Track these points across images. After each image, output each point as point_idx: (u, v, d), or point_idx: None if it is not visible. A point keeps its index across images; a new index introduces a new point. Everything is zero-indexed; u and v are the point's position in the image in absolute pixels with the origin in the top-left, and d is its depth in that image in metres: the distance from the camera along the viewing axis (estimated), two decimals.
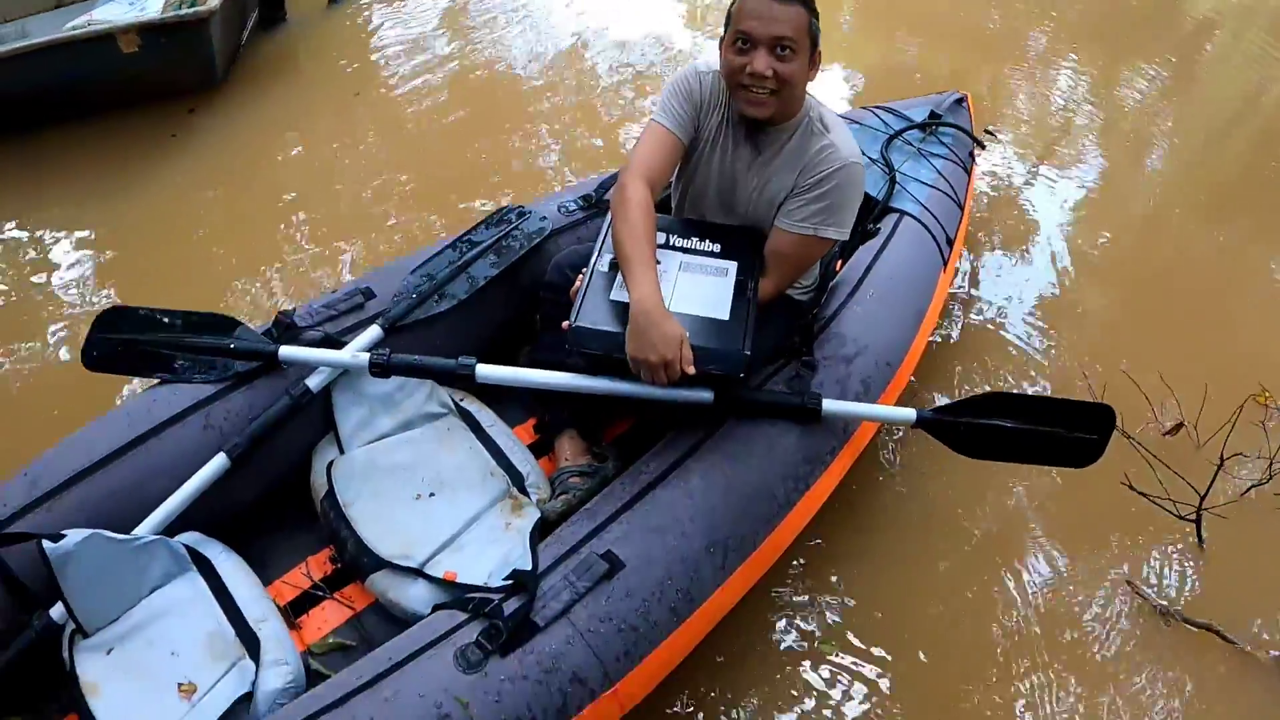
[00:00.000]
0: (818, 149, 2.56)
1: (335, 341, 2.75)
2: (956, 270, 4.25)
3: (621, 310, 2.42)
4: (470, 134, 5.20)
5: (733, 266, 2.60)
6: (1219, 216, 5.08)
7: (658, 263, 2.49)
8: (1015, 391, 2.71)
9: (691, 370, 2.35)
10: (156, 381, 2.72)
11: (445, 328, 2.91)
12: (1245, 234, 5.02)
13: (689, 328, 2.37)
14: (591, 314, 2.46)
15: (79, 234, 4.46)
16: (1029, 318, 4.15)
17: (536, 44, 6.08)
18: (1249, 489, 3.33)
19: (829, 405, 2.64)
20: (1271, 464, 3.34)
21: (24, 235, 4.48)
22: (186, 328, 2.74)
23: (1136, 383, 3.56)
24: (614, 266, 2.53)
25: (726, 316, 2.47)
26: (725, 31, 2.52)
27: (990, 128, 4.44)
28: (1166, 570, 3.22)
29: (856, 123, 3.99)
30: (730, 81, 2.53)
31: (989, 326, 4.09)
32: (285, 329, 2.75)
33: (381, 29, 6.12)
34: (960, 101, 4.33)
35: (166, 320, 2.76)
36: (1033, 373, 3.87)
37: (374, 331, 2.77)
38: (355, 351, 2.68)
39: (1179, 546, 3.26)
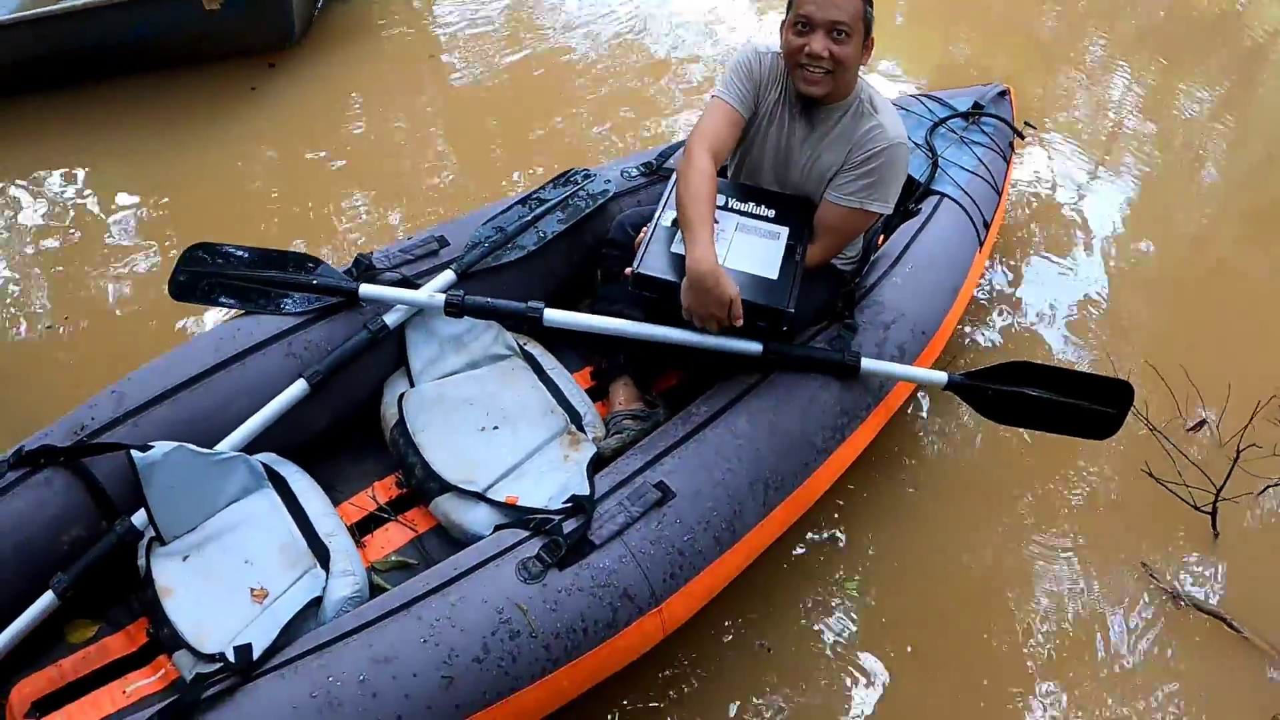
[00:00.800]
0: (867, 129, 2.74)
1: (411, 283, 2.92)
2: (997, 267, 4.39)
3: (680, 262, 2.60)
4: (531, 104, 5.32)
5: (784, 231, 2.78)
6: (1268, 234, 5.16)
7: (716, 222, 2.67)
8: (1041, 363, 2.87)
9: (740, 323, 2.56)
10: (240, 312, 2.89)
11: (513, 277, 3.07)
12: None
13: (740, 283, 2.57)
14: (653, 263, 2.66)
15: (156, 179, 4.60)
16: (1065, 315, 4.23)
17: (596, 19, 6.18)
18: (1266, 487, 3.41)
19: (867, 364, 2.81)
20: None
21: (105, 179, 4.62)
22: (270, 264, 2.92)
23: (1164, 378, 3.65)
24: (675, 223, 2.72)
25: (775, 276, 2.66)
26: (787, 14, 2.69)
27: (1029, 121, 4.58)
28: (1180, 558, 3.31)
29: (904, 109, 4.11)
30: (789, 61, 2.71)
31: (1026, 321, 4.18)
32: (364, 269, 2.93)
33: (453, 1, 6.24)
34: (1003, 94, 4.45)
35: (251, 256, 2.94)
36: (1066, 364, 3.96)
37: (447, 276, 2.94)
38: (432, 292, 2.86)
39: (1194, 537, 3.34)
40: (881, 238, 3.35)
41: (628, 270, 2.69)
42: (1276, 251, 4.99)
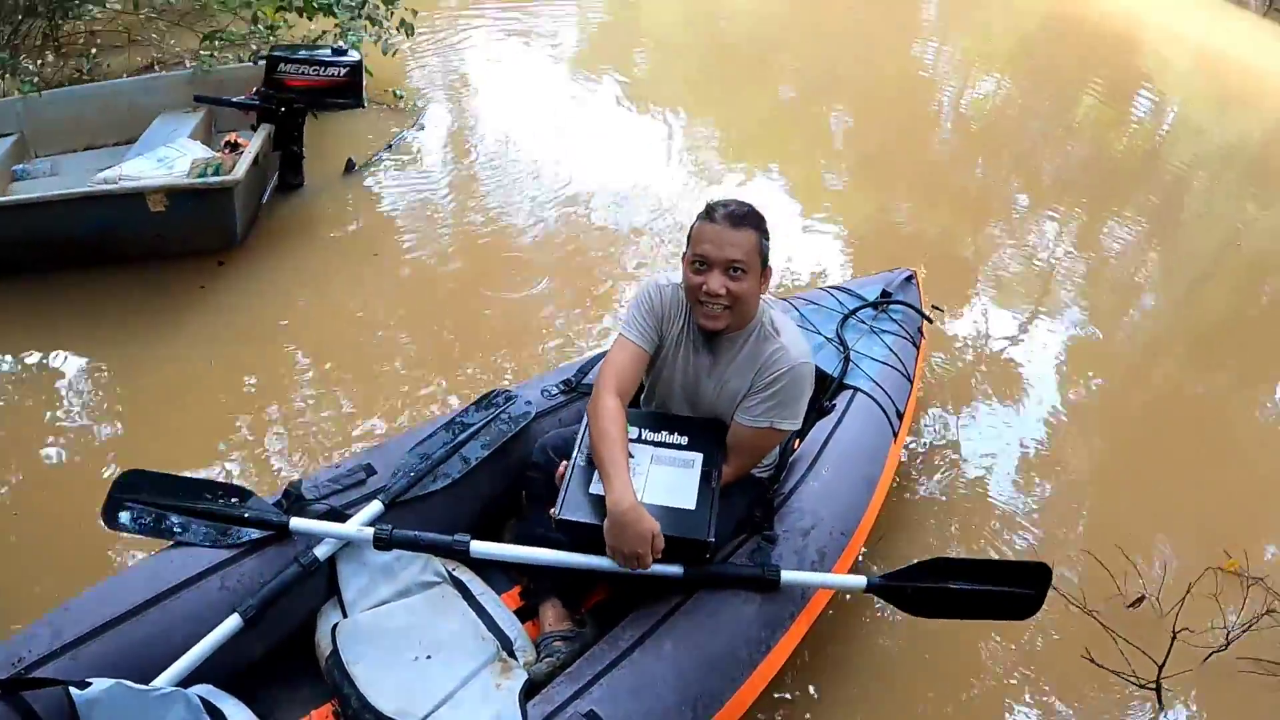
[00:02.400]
0: (771, 352, 2.83)
1: (340, 514, 2.95)
2: (912, 437, 4.47)
3: (599, 502, 2.67)
4: (475, 296, 5.41)
5: (698, 458, 2.86)
6: (1204, 363, 5.29)
7: (631, 456, 2.75)
8: (957, 556, 2.96)
9: (658, 556, 2.62)
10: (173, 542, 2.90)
11: (440, 504, 3.11)
12: (1229, 381, 5.26)
13: (659, 517, 2.62)
14: (574, 507, 2.72)
15: (102, 378, 4.59)
16: (1001, 477, 4.35)
17: (538, 209, 6.37)
18: (1208, 656, 3.48)
19: (787, 575, 2.86)
20: (1229, 632, 3.51)
21: (50, 375, 4.58)
22: (202, 494, 2.94)
23: (1100, 560, 3.73)
24: (590, 463, 2.79)
25: (693, 506, 2.73)
26: (686, 249, 2.81)
27: (936, 304, 4.76)
28: None
29: (815, 303, 4.25)
30: (689, 297, 2.83)
31: (960, 487, 4.27)
32: (294, 500, 2.95)
33: (393, 196, 6.33)
34: (910, 279, 4.60)
35: (183, 486, 2.97)
36: (1000, 550, 4.04)
37: (375, 506, 2.96)
38: (360, 525, 2.88)
39: (1141, 714, 3.40)
40: (797, 441, 3.43)
41: (552, 511, 2.74)
42: (1219, 384, 5.17)
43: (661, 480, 2.79)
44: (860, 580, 2.93)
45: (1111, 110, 10.36)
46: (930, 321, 4.53)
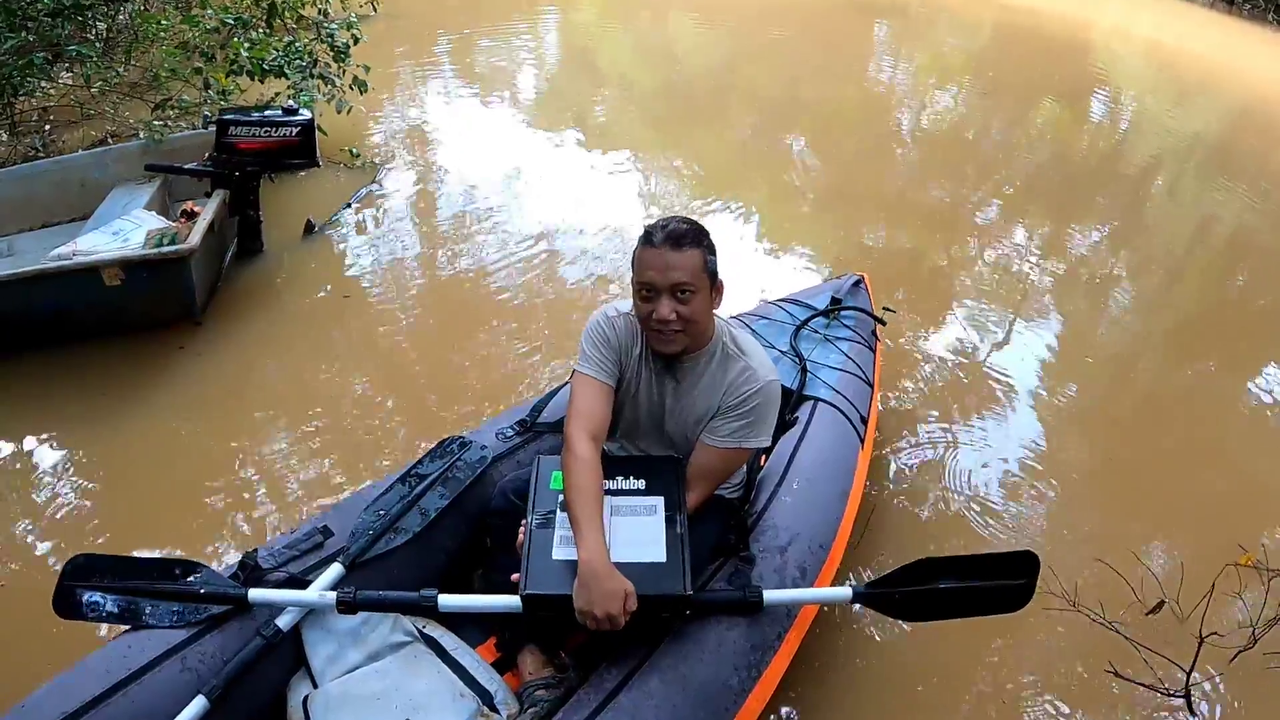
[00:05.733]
0: (737, 372, 2.66)
1: (300, 581, 2.72)
2: (894, 446, 4.33)
3: (566, 568, 2.46)
4: (444, 342, 5.24)
5: (659, 502, 2.64)
6: (1187, 354, 5.16)
7: None
8: (944, 555, 2.82)
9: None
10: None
11: (402, 560, 2.89)
12: (1215, 368, 5.16)
13: (631, 576, 2.40)
14: (539, 580, 2.49)
15: (61, 458, 4.35)
16: (993, 495, 4.17)
17: (504, 246, 6.26)
18: (1235, 655, 3.31)
19: (769, 595, 2.66)
20: (1255, 629, 3.33)
21: (6, 460, 4.34)
22: (154, 572, 2.71)
23: (1113, 568, 3.57)
24: (547, 523, 2.60)
25: (664, 558, 2.51)
26: (632, 275, 2.62)
27: (888, 306, 4.63)
28: None
29: (765, 317, 4.10)
30: (642, 324, 2.63)
31: (957, 506, 4.08)
32: (251, 571, 2.72)
33: (356, 252, 6.13)
34: (858, 283, 4.45)
35: (133, 566, 2.73)
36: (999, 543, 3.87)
37: (336, 569, 2.75)
38: (321, 591, 2.66)
39: None
40: (764, 458, 3.24)
41: (515, 578, 2.53)
42: (1204, 372, 5.05)
43: (625, 533, 2.58)
44: (845, 591, 2.75)
45: (1071, 112, 10.31)
46: (883, 324, 4.37)
